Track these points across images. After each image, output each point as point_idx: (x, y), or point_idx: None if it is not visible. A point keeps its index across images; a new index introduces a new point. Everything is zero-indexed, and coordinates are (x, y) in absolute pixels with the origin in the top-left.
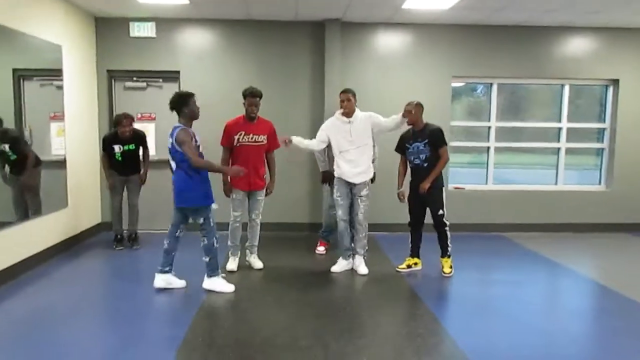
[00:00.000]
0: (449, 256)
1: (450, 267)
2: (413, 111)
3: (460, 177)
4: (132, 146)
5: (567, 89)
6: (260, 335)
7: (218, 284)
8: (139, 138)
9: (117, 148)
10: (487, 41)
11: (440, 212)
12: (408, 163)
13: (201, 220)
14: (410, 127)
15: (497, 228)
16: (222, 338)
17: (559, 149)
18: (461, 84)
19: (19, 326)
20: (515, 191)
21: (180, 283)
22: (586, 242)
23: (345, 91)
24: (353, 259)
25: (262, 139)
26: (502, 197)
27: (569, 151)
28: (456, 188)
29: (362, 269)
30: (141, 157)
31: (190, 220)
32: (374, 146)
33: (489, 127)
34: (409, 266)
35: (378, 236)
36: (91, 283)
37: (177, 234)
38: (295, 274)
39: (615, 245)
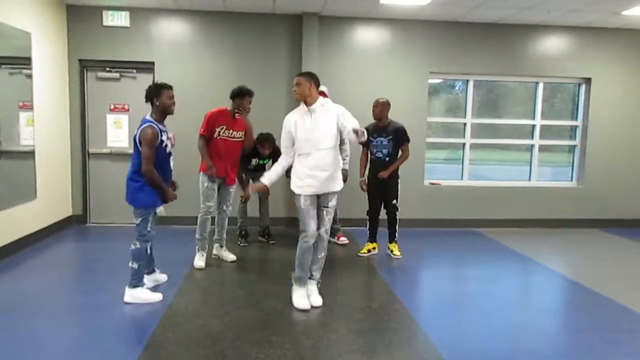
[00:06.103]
0: (396, 241)
1: (399, 250)
2: (379, 107)
3: (437, 173)
4: (267, 160)
5: (541, 86)
6: (233, 331)
7: (144, 295)
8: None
9: (254, 161)
10: (464, 38)
11: (394, 201)
12: (370, 155)
13: (138, 221)
14: (374, 121)
15: (472, 224)
16: (193, 333)
17: (532, 146)
18: (439, 81)
19: None
20: (490, 187)
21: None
22: (558, 238)
23: (297, 75)
24: (306, 285)
25: (241, 135)
26: (477, 193)
27: (543, 148)
28: (432, 184)
29: (316, 300)
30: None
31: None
32: (342, 143)
33: (465, 124)
34: (369, 250)
35: (353, 231)
36: (59, 275)
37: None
38: (268, 266)
39: (586, 241)
